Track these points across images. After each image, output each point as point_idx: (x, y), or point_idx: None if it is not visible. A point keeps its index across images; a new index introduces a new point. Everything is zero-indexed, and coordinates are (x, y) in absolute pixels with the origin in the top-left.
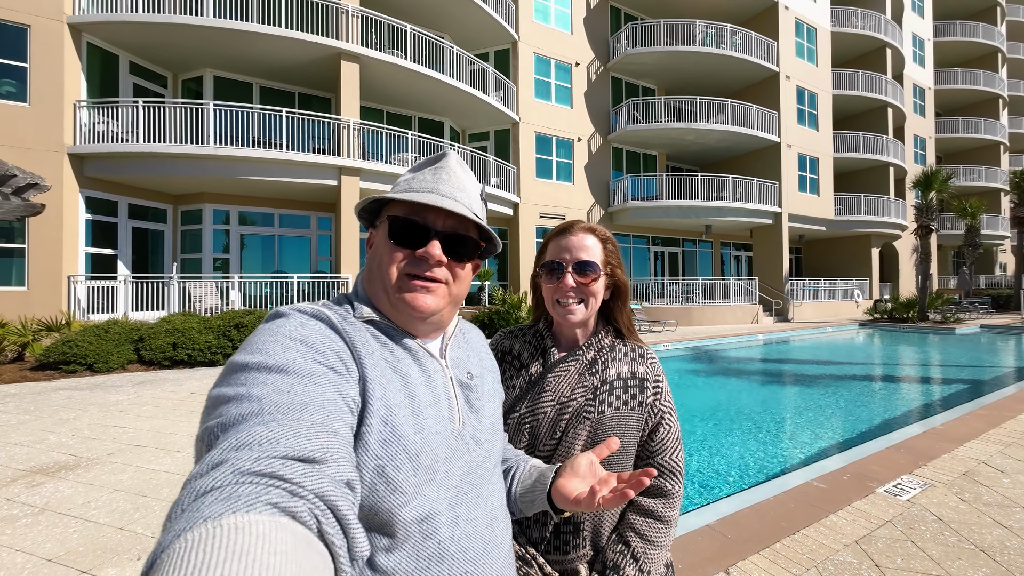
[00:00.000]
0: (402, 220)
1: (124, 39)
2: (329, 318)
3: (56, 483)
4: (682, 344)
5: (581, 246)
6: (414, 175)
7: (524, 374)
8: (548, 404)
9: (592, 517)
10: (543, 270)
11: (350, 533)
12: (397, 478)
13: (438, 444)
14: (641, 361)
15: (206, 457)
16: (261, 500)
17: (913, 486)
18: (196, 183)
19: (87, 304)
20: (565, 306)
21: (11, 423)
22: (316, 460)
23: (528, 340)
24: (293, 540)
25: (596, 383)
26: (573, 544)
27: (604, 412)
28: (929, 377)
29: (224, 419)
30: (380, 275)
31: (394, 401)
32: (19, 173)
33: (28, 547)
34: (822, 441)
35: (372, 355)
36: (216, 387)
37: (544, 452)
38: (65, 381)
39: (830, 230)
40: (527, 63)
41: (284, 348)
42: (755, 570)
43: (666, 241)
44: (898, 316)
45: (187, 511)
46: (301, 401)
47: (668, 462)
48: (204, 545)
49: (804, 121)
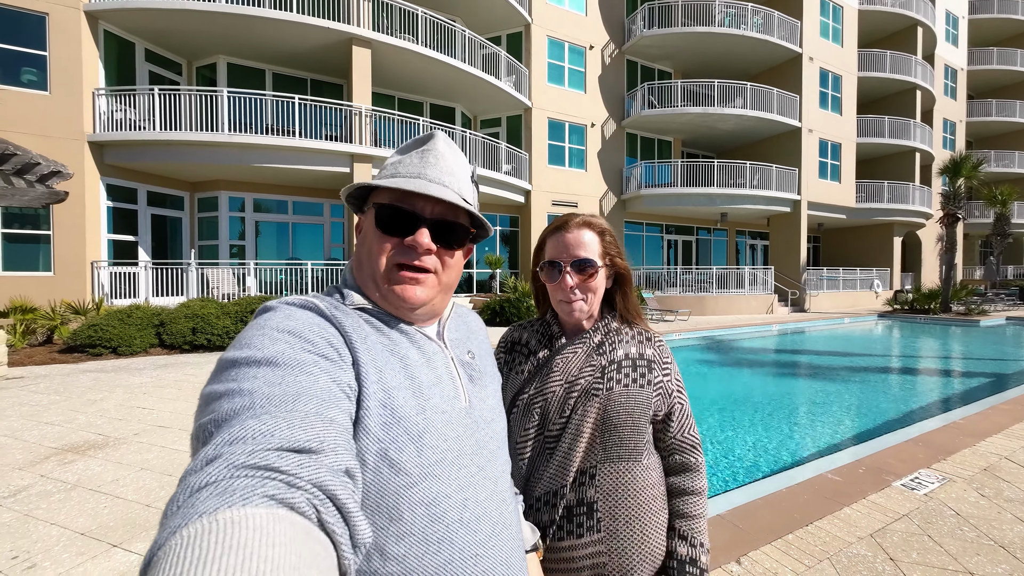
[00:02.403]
0: (389, 208)
1: (139, 26)
2: (318, 306)
3: (86, 461)
4: (694, 333)
5: (578, 243)
6: (400, 158)
7: (532, 359)
8: (556, 384)
9: (605, 497)
10: (542, 270)
11: (351, 521)
12: (400, 460)
13: (444, 424)
14: (648, 344)
15: (200, 453)
16: (257, 493)
17: (931, 480)
18: (211, 170)
19: (110, 289)
20: (569, 302)
21: (43, 403)
22: (312, 450)
23: (536, 330)
24: (292, 531)
25: (604, 363)
26: (587, 527)
27: (613, 389)
28: (950, 370)
29: (217, 415)
30: (369, 264)
31: (392, 383)
32: (43, 161)
33: (62, 520)
34: (837, 434)
35: (366, 340)
36: (208, 385)
37: (554, 431)
38: (91, 363)
39: (851, 218)
40: (540, 46)
41: (272, 340)
42: (767, 560)
43: (680, 229)
44: (919, 307)
45: (183, 507)
46: (293, 392)
47: (687, 438)
48: (201, 540)
49: (827, 105)
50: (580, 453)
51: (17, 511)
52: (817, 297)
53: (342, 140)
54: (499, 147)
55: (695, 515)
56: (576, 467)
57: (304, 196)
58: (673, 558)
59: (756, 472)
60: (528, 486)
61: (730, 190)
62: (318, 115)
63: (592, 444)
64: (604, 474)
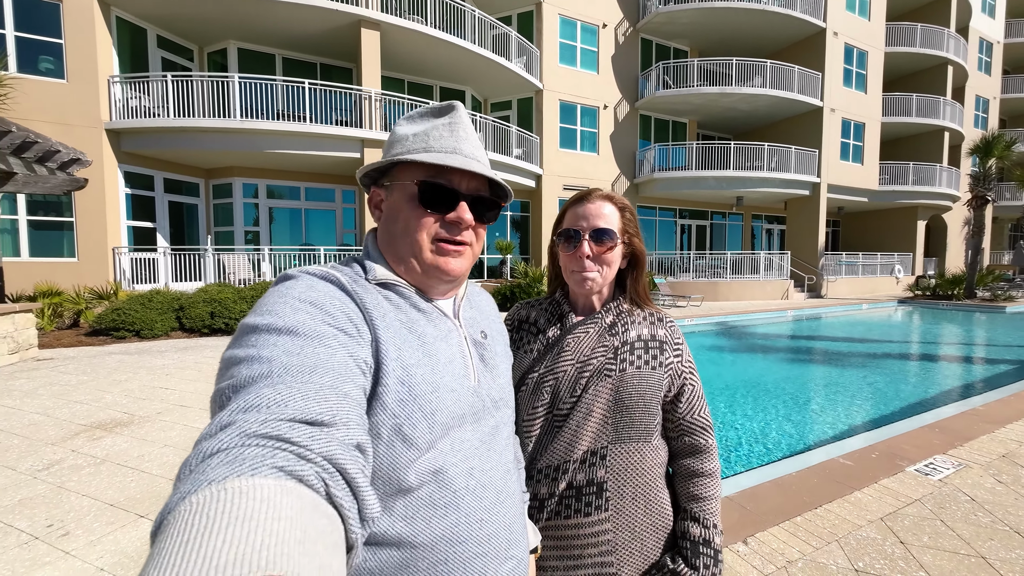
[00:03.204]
0: (430, 184)
1: (150, 11)
2: (339, 280)
3: (113, 438)
4: (707, 319)
5: (599, 214)
6: (427, 131)
7: (542, 338)
8: (568, 363)
9: (616, 477)
10: (560, 238)
11: (360, 495)
12: (413, 435)
13: (454, 401)
14: (660, 325)
15: (215, 418)
16: (267, 463)
17: (946, 466)
18: (225, 157)
19: (131, 275)
20: (581, 272)
21: (72, 383)
22: (324, 423)
23: (545, 308)
24: (299, 504)
25: (617, 343)
26: (596, 506)
27: (626, 370)
28: (971, 357)
29: (235, 380)
30: (407, 239)
31: (410, 361)
32: (63, 148)
33: (93, 492)
34: (850, 419)
35: (385, 317)
36: (229, 348)
37: (563, 410)
38: (116, 346)
39: (873, 201)
40: (551, 25)
41: (294, 310)
42: (774, 541)
43: (694, 214)
44: (942, 293)
45: (194, 472)
46: (311, 363)
47: (698, 419)
48: (208, 509)
49: (851, 83)
50: (589, 432)
51: (51, 483)
52: (835, 283)
53: (352, 125)
54: (510, 131)
55: (707, 496)
56: (585, 446)
57: (316, 182)
58: (686, 539)
59: (766, 457)
60: (532, 461)
61: (747, 173)
62: (328, 100)
63: (603, 424)
64: (615, 455)
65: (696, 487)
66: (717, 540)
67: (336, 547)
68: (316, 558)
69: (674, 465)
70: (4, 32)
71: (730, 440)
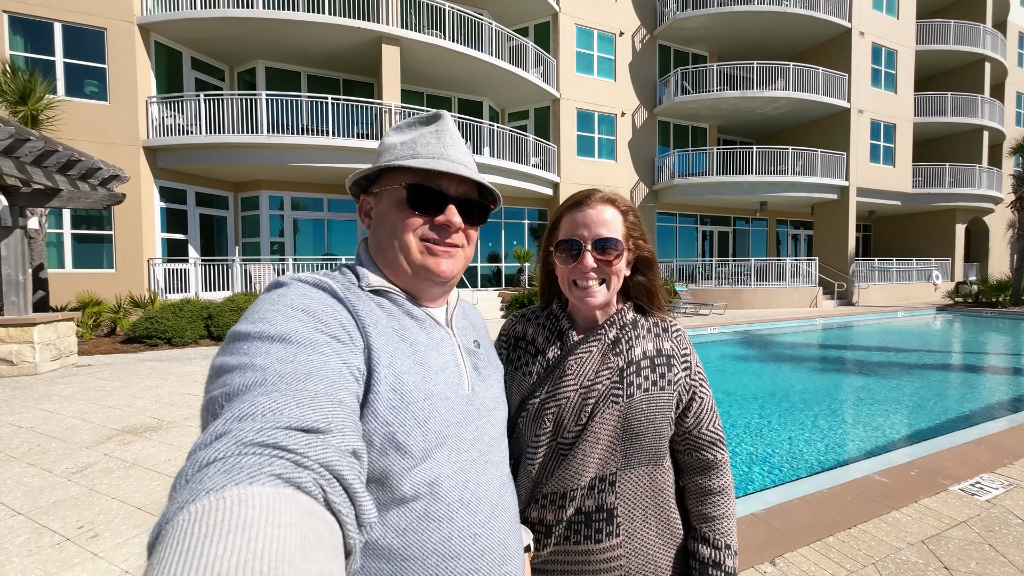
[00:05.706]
0: (418, 187)
1: (186, 35)
2: (331, 287)
3: (143, 442)
4: (730, 328)
5: (600, 221)
6: (412, 137)
7: (541, 359)
8: (571, 388)
9: (626, 502)
10: (557, 250)
11: (357, 501)
12: (407, 443)
13: (448, 410)
14: (666, 336)
15: (210, 427)
16: (264, 471)
17: (995, 486)
18: (253, 170)
19: (164, 284)
20: (584, 288)
21: (107, 388)
22: (320, 430)
23: (542, 323)
24: (298, 511)
25: (622, 364)
26: (607, 532)
27: (634, 395)
28: (1020, 368)
29: (228, 389)
30: (397, 243)
31: (403, 368)
32: (104, 166)
33: (121, 495)
34: (887, 433)
35: (377, 324)
36: (219, 356)
37: (568, 438)
38: (149, 353)
39: (906, 205)
40: (568, 35)
41: (286, 317)
42: (804, 563)
43: (716, 220)
44: (985, 300)
45: (191, 482)
46: (304, 371)
47: (708, 433)
48: (207, 518)
49: (880, 83)
50: (596, 459)
51: (84, 485)
52: (867, 290)
53: (373, 138)
54: (527, 140)
55: (718, 516)
56: (592, 473)
57: (338, 194)
58: (695, 560)
59: (794, 473)
60: (536, 486)
61: (770, 177)
62: (351, 114)
63: (610, 451)
64: (625, 480)
65: (707, 506)
66: (729, 562)
67: (335, 552)
68: (317, 564)
69: (683, 481)
70: (54, 59)
71: (757, 455)
